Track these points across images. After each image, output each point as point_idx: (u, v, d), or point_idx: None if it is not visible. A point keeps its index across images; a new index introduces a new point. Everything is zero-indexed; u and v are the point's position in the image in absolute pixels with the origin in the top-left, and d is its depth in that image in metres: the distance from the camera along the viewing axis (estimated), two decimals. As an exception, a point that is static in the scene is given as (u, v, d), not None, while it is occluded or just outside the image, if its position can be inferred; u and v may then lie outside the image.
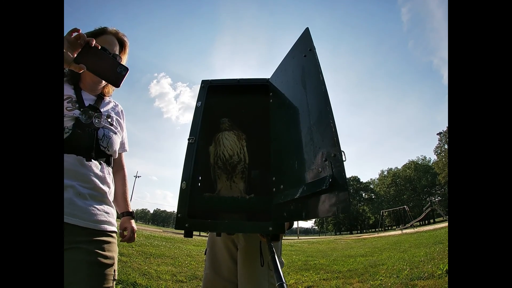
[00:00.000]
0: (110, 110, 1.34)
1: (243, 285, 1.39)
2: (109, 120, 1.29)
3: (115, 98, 1.44)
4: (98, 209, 1.12)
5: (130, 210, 1.44)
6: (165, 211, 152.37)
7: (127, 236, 1.40)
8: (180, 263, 6.11)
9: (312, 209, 0.89)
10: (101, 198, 1.16)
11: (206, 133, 1.43)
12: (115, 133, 1.29)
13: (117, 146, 1.30)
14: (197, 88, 1.53)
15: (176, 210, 1.19)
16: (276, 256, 1.01)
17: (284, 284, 0.85)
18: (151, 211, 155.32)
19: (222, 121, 1.51)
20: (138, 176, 52.78)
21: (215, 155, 1.46)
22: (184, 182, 1.21)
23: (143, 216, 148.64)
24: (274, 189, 1.20)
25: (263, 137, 1.41)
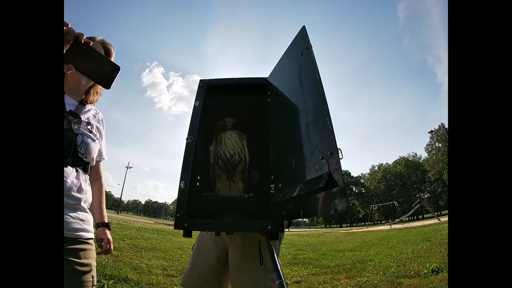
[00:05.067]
0: (90, 118, 1.34)
1: (238, 286, 1.40)
2: (89, 127, 1.29)
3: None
4: (72, 217, 1.12)
5: (106, 221, 1.43)
6: (156, 202, 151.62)
7: (103, 248, 1.40)
8: (171, 257, 6.12)
9: (310, 207, 0.90)
10: (75, 205, 1.15)
11: (204, 132, 1.43)
12: (94, 141, 1.29)
13: (95, 154, 1.31)
14: (189, 78, 1.54)
15: (171, 206, 1.21)
16: (275, 255, 1.02)
17: (284, 283, 0.85)
18: (143, 202, 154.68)
19: (227, 120, 1.51)
20: (130, 167, 52.49)
21: (215, 154, 1.46)
22: (182, 182, 1.21)
23: (135, 207, 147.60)
24: (272, 187, 1.21)
25: (262, 136, 1.41)
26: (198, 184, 1.43)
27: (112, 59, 1.38)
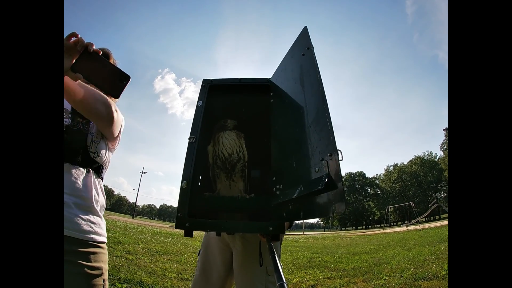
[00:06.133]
0: None
1: None
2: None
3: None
4: (83, 218, 1.08)
5: None
6: (171, 206, 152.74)
7: None
8: (185, 260, 6.15)
9: (310, 209, 0.90)
10: (86, 207, 1.11)
11: (207, 132, 1.43)
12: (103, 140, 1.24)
13: (106, 156, 1.25)
14: (201, 83, 1.53)
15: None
16: (276, 256, 1.01)
17: (285, 284, 0.84)
18: (157, 207, 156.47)
19: (229, 121, 1.51)
20: (144, 172, 53.37)
21: (214, 154, 1.45)
22: (184, 181, 1.21)
23: (150, 212, 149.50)
24: (274, 189, 1.21)
25: (264, 137, 1.41)
26: (200, 184, 1.43)
27: (111, 61, 1.34)
